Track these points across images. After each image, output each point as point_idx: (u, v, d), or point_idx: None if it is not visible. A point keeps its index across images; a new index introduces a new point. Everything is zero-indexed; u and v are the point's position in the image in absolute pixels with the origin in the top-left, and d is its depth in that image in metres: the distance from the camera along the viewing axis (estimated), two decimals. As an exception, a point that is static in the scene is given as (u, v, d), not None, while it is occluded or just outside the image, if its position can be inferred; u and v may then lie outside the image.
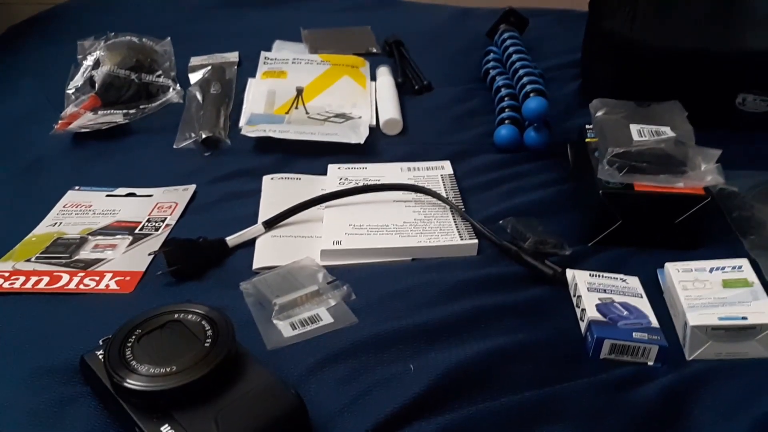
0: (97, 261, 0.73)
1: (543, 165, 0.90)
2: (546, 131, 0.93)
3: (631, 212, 0.74)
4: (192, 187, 0.85)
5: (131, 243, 0.76)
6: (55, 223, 0.79)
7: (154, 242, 0.76)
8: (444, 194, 0.82)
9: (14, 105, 1.05)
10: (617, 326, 0.62)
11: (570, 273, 0.69)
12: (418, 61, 1.15)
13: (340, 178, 0.86)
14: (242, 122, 0.98)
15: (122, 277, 0.70)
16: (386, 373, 0.59)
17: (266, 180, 0.86)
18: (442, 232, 0.76)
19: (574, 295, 0.68)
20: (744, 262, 0.68)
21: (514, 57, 1.03)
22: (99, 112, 0.99)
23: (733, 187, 0.81)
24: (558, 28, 1.28)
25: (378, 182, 0.84)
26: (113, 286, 0.69)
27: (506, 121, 0.94)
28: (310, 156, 0.91)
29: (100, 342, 0.57)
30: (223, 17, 1.33)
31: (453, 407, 0.56)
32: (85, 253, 0.74)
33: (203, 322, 0.55)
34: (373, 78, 1.10)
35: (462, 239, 0.75)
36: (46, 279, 0.70)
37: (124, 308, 0.64)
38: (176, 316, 0.56)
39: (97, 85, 1.01)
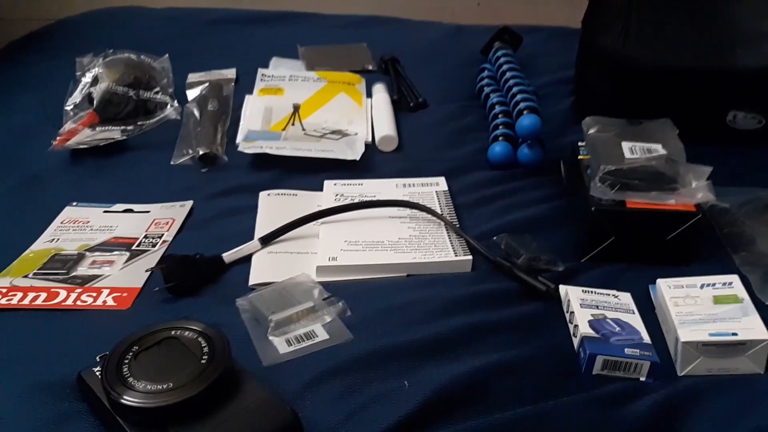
0: (95, 277, 0.73)
1: (536, 182, 0.91)
2: (539, 148, 0.93)
3: (623, 229, 0.75)
4: (189, 203, 0.86)
5: (128, 259, 0.76)
6: (53, 239, 0.79)
7: (151, 258, 0.76)
8: (439, 210, 0.83)
9: (13, 121, 1.05)
10: (609, 342, 0.63)
11: (563, 289, 0.70)
12: (413, 78, 1.16)
13: (336, 195, 0.86)
14: (239, 139, 0.99)
15: (119, 294, 0.71)
16: (381, 389, 0.59)
17: (263, 196, 0.87)
18: (437, 248, 0.76)
19: (567, 311, 0.69)
20: (734, 279, 0.68)
21: (508, 75, 1.04)
22: (97, 129, 0.99)
23: (724, 203, 0.82)
24: (551, 45, 1.29)
25: (373, 198, 0.85)
26: (110, 302, 0.69)
27: (500, 138, 0.95)
28: (307, 172, 0.91)
29: (97, 359, 0.57)
30: (220, 34, 1.34)
31: (447, 423, 0.57)
32: (82, 270, 0.74)
33: (200, 339, 0.56)
34: (369, 95, 1.11)
35: (456, 255, 0.75)
36: (43, 295, 0.70)
37: (121, 325, 0.64)
38: (173, 333, 0.57)
39: (95, 102, 1.02)
